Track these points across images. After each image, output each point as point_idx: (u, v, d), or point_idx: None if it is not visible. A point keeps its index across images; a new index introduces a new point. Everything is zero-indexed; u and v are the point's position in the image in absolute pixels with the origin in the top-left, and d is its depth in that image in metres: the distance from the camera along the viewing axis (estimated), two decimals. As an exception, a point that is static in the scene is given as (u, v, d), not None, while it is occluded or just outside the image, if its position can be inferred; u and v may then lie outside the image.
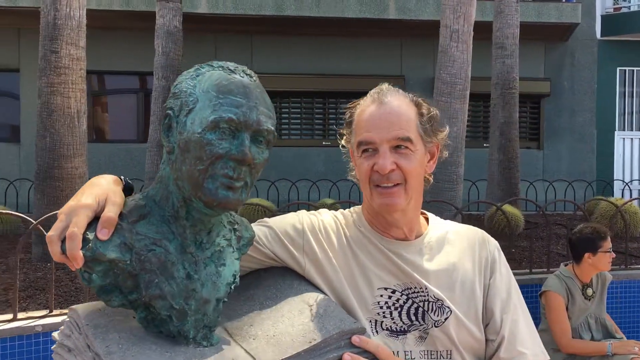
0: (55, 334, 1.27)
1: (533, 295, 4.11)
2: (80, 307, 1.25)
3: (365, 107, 1.44)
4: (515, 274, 1.59)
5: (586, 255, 3.64)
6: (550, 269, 4.44)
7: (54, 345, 1.26)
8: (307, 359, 1.20)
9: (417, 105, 1.45)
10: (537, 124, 13.31)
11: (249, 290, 1.45)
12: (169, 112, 1.15)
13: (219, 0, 11.21)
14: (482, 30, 7.34)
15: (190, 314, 1.15)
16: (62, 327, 1.24)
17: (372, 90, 1.47)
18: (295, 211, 1.58)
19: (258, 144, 1.13)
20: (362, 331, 1.29)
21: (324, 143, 13.16)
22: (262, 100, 1.14)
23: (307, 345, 1.21)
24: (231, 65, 1.16)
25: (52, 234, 1.05)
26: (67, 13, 4.57)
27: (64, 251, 1.04)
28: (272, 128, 1.14)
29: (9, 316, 2.93)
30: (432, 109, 1.48)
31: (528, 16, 11.23)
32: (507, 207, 6.13)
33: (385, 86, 1.47)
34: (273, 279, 1.45)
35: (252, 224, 1.47)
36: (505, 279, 1.50)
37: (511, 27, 7.92)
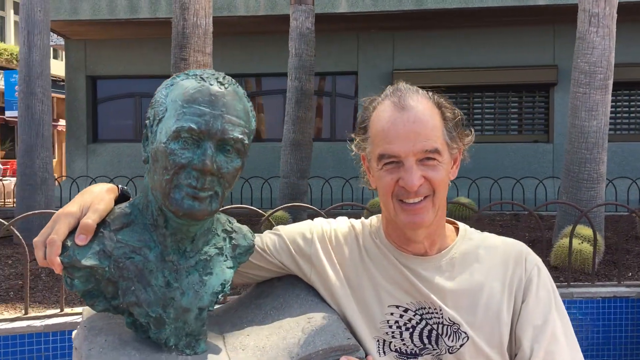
0: (73, 333, 1.35)
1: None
2: (88, 309, 1.32)
3: (383, 112, 1.28)
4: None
5: None
6: None
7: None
8: (287, 373, 1.16)
9: (440, 108, 1.30)
10: None
11: (260, 299, 1.43)
12: (146, 121, 1.17)
13: (359, -1, 11.28)
14: (631, 12, 6.53)
15: (168, 322, 1.15)
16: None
17: (389, 90, 1.32)
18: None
19: (226, 153, 1.11)
20: (354, 348, 1.22)
21: (468, 139, 12.67)
22: (232, 108, 1.11)
23: (289, 358, 1.16)
24: (207, 73, 1.14)
25: (37, 239, 1.12)
26: (194, 22, 4.88)
27: (44, 257, 1.10)
28: (241, 137, 1.11)
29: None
30: (456, 111, 1.33)
31: None
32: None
33: (403, 85, 1.32)
34: (284, 288, 1.42)
35: (266, 232, 1.45)
36: (544, 303, 1.29)
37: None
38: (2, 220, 3.26)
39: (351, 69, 12.76)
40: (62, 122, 13.98)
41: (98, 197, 1.19)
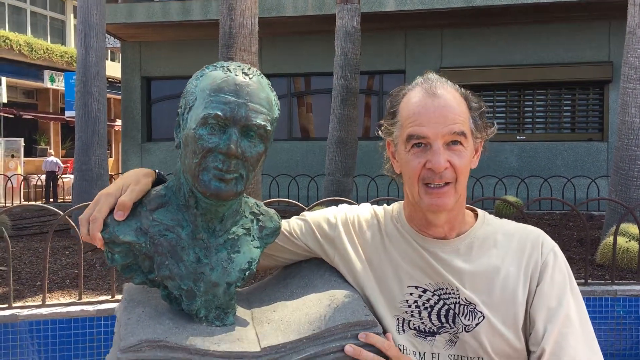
0: (116, 306, 1.47)
1: None
2: (129, 285, 1.43)
3: (413, 98, 1.35)
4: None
5: None
6: None
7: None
8: (309, 345, 1.23)
9: (466, 99, 1.37)
10: None
11: (287, 279, 1.52)
12: (178, 110, 1.27)
13: (406, -3, 11.28)
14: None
15: (199, 295, 1.25)
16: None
17: (419, 79, 1.39)
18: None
19: (250, 139, 1.19)
20: (372, 325, 1.28)
21: (518, 137, 12.47)
22: (256, 96, 1.20)
23: (310, 333, 1.24)
24: (233, 65, 1.23)
25: (82, 217, 1.24)
26: (240, 22, 5.04)
27: (88, 232, 1.22)
28: (263, 123, 1.19)
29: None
30: (481, 103, 1.39)
31: None
32: None
33: (434, 76, 1.38)
34: (309, 269, 1.50)
35: (293, 218, 1.53)
36: (559, 286, 1.33)
37: None
38: (59, 211, 3.48)
39: (399, 68, 12.76)
40: (119, 122, 14.50)
41: (135, 180, 1.30)
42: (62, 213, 3.49)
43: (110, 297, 3.50)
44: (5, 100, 20.02)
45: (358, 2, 7.96)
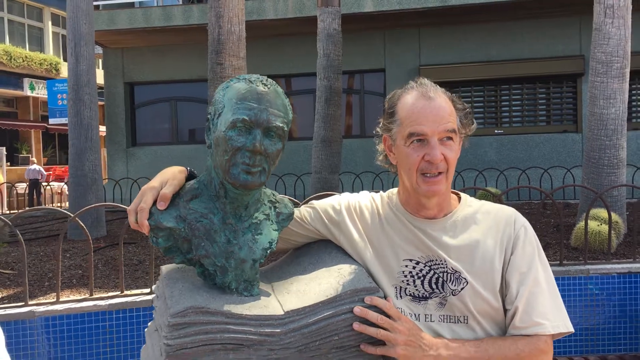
0: (154, 287, 1.71)
1: None
2: (165, 266, 1.67)
3: (411, 100, 1.58)
4: None
5: None
6: None
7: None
8: (324, 308, 1.48)
9: (453, 101, 1.62)
10: None
11: (300, 257, 1.76)
12: (208, 116, 1.52)
13: (384, -2, 11.57)
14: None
15: (230, 270, 1.49)
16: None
17: (414, 84, 1.62)
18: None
19: (270, 138, 1.44)
20: (375, 290, 1.53)
21: (496, 131, 12.84)
22: (274, 103, 1.44)
23: (324, 298, 1.49)
24: (253, 77, 1.48)
25: (130, 208, 1.48)
26: (228, 29, 5.26)
27: (137, 221, 1.46)
28: (281, 125, 1.44)
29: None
30: (465, 105, 1.65)
31: None
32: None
33: (426, 81, 1.62)
34: (318, 248, 1.75)
35: (302, 206, 1.78)
36: (528, 256, 1.58)
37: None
38: (69, 213, 3.69)
39: (379, 67, 13.05)
40: (102, 127, 14.59)
41: (172, 176, 1.54)
42: (72, 215, 3.70)
43: (119, 292, 3.72)
44: (-15, 110, 19.95)
45: (338, 5, 8.21)
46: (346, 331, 1.47)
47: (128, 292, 3.74)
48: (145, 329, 1.68)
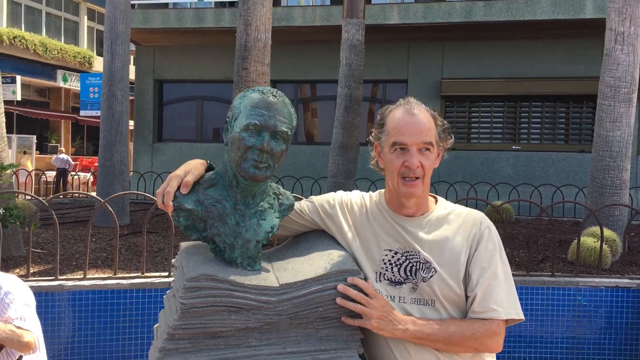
0: (173, 260, 2.03)
1: None
2: (184, 243, 1.99)
3: (398, 114, 1.89)
4: None
5: None
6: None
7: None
8: (312, 284, 1.77)
9: (434, 118, 1.91)
10: None
11: (297, 243, 2.07)
12: (227, 118, 1.83)
13: (409, 11, 11.83)
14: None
15: (237, 248, 1.80)
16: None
17: (403, 101, 1.92)
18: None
19: (276, 140, 1.75)
20: (357, 272, 1.81)
21: (513, 147, 13.01)
22: (281, 111, 1.75)
23: (313, 276, 1.78)
24: (266, 89, 1.80)
25: (158, 191, 1.80)
26: (255, 36, 5.60)
27: (163, 202, 1.78)
28: (286, 130, 1.75)
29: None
30: (444, 121, 1.94)
31: None
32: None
33: (413, 99, 1.92)
34: (314, 237, 2.05)
35: (303, 200, 2.09)
36: (490, 253, 1.85)
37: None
38: (99, 199, 4.05)
39: (401, 77, 13.31)
40: (130, 122, 15.08)
41: (194, 167, 1.86)
42: (102, 200, 4.06)
43: (140, 273, 4.07)
44: (19, 99, 20.63)
45: (363, 17, 8.52)
46: (330, 304, 1.76)
47: (148, 274, 4.08)
48: (164, 296, 2.00)
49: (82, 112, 20.16)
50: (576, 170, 12.35)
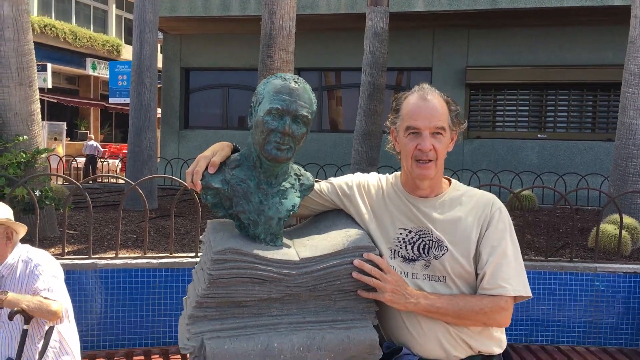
0: (201, 237, 2.17)
1: None
2: (211, 220, 2.13)
3: (412, 100, 1.98)
4: None
5: None
6: None
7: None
8: (330, 259, 1.89)
9: (448, 103, 2.00)
10: None
11: (317, 222, 2.19)
12: (252, 103, 1.96)
13: (435, -2, 11.81)
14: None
15: (260, 224, 1.92)
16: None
17: (417, 87, 2.01)
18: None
19: (297, 123, 1.86)
20: (372, 249, 1.93)
21: (539, 136, 12.93)
22: (302, 97, 1.86)
23: (331, 251, 1.90)
24: (288, 76, 1.91)
25: (188, 171, 1.93)
26: (280, 25, 5.71)
27: (192, 181, 1.91)
28: (307, 114, 1.86)
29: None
30: (457, 107, 2.04)
31: None
32: None
33: (427, 86, 2.02)
34: (332, 216, 2.17)
35: (322, 181, 2.21)
36: (500, 233, 1.93)
37: None
38: (130, 181, 4.23)
39: (426, 65, 13.29)
40: (158, 109, 15.36)
41: (221, 148, 1.98)
42: (132, 183, 4.25)
43: (169, 254, 4.26)
44: (50, 86, 21.10)
45: (387, 5, 8.55)
46: (347, 278, 1.88)
47: (176, 255, 4.27)
48: (192, 270, 2.14)
49: (110, 100, 20.53)
50: (603, 159, 12.22)
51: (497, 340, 1.97)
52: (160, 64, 13.69)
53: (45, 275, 2.91)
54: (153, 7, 7.72)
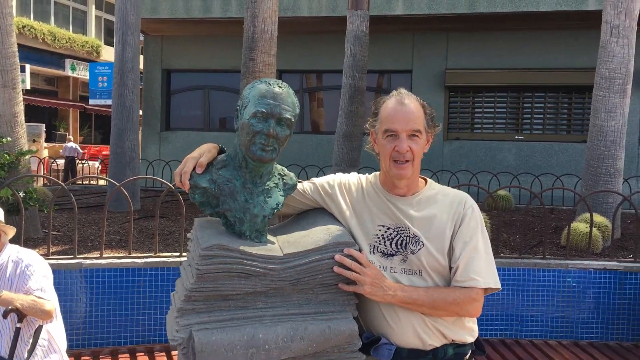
0: (188, 234, 2.26)
1: None
2: (199, 218, 2.22)
3: (390, 104, 2.09)
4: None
5: None
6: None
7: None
8: (312, 254, 1.99)
9: (423, 107, 2.12)
10: None
11: (299, 220, 2.29)
12: (238, 107, 2.05)
13: (414, 2, 11.97)
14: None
15: (246, 221, 2.02)
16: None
17: (395, 92, 2.12)
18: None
19: (281, 126, 1.96)
20: (352, 244, 2.03)
21: (516, 137, 13.17)
22: (286, 101, 1.97)
23: (313, 247, 2.00)
24: (272, 81, 2.01)
25: (176, 171, 2.02)
26: (262, 28, 5.81)
27: (181, 181, 2.01)
28: (289, 117, 1.96)
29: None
30: (432, 111, 2.16)
31: None
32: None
33: (404, 90, 2.14)
34: (314, 214, 2.27)
35: (305, 181, 2.31)
36: (472, 229, 2.05)
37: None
38: (116, 182, 4.30)
39: (406, 68, 13.45)
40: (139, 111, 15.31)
41: (208, 149, 2.07)
42: (117, 184, 4.31)
43: (153, 253, 4.33)
44: (28, 87, 20.89)
45: (367, 8, 8.69)
46: (328, 272, 1.98)
47: (160, 254, 4.34)
48: (180, 266, 2.23)
49: (91, 101, 20.42)
50: (578, 160, 12.48)
51: (469, 330, 2.10)
52: (141, 66, 13.67)
53: (36, 275, 2.97)
54: (135, 9, 7.77)
